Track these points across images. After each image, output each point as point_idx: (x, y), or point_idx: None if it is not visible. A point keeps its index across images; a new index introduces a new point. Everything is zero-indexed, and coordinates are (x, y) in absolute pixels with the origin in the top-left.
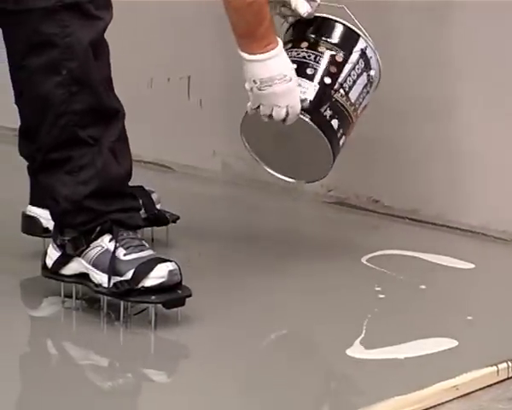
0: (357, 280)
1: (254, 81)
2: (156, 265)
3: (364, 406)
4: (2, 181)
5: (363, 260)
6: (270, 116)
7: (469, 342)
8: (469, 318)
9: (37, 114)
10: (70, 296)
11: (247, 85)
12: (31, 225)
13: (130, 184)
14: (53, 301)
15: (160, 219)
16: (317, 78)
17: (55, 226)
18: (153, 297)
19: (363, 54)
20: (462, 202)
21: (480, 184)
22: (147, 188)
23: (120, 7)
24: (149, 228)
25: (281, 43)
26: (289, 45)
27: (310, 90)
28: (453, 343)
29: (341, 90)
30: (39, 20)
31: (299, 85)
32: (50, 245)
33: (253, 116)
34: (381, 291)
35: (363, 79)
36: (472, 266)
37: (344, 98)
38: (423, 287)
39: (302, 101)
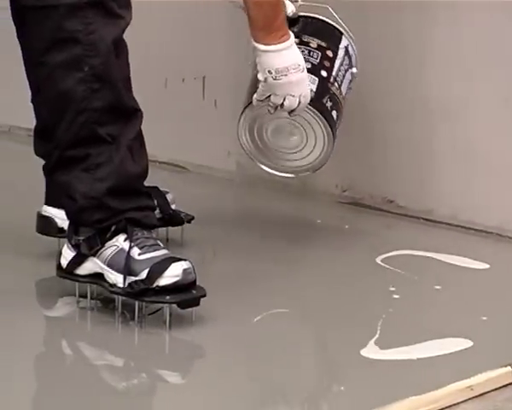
0: (371, 280)
1: (269, 71)
2: (171, 264)
3: (379, 406)
4: (17, 181)
5: (378, 260)
6: (277, 108)
7: (484, 342)
8: (484, 318)
9: (56, 110)
10: (85, 296)
11: (260, 76)
12: (46, 225)
13: (146, 184)
14: (68, 301)
15: (174, 219)
16: (315, 71)
17: (69, 226)
18: (167, 297)
19: (346, 51)
20: (477, 202)
21: (495, 184)
22: (161, 188)
23: (135, 7)
24: (164, 228)
25: (292, 35)
26: None
27: (312, 82)
28: (468, 344)
29: (336, 84)
30: (63, 17)
31: None
32: (65, 245)
33: (249, 117)
34: (395, 291)
35: (348, 76)
36: (487, 266)
37: (338, 91)
38: (438, 287)
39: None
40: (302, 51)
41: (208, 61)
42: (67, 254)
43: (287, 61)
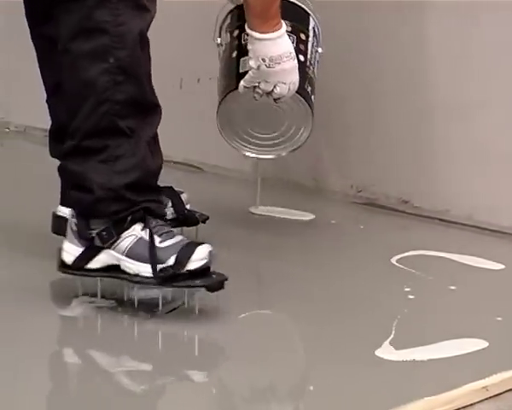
0: (386, 281)
1: (263, 59)
2: (196, 247)
3: (394, 407)
4: (32, 181)
5: (393, 260)
6: (265, 94)
7: (499, 342)
8: (499, 318)
9: (77, 99)
10: (96, 296)
11: (252, 63)
12: (61, 226)
13: (160, 184)
14: (83, 300)
15: (189, 219)
16: (294, 56)
17: (79, 220)
18: (197, 282)
19: (314, 32)
20: (493, 202)
21: (511, 185)
22: (176, 188)
23: None
24: (179, 228)
25: (284, 23)
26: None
27: None
28: (483, 344)
29: (311, 67)
30: (94, 6)
31: None
32: (66, 241)
33: (228, 104)
34: (410, 292)
35: (317, 57)
36: (502, 266)
37: (313, 74)
38: (453, 288)
39: None
40: None
41: None
42: (72, 250)
43: (280, 50)
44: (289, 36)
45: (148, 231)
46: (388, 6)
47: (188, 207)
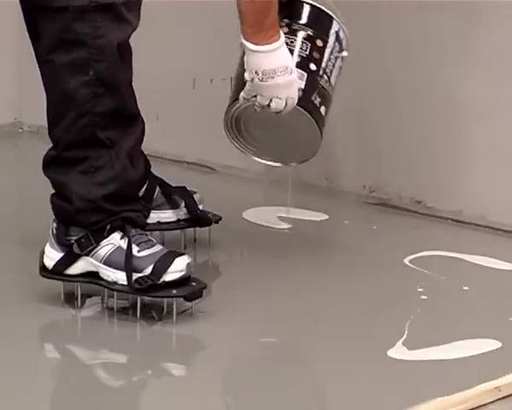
0: (399, 281)
1: (256, 72)
2: (174, 259)
3: (407, 407)
4: (45, 181)
5: (406, 260)
6: (264, 107)
7: None
8: None
9: (58, 110)
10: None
11: (247, 76)
12: None
13: (174, 184)
14: (95, 300)
15: (202, 219)
16: (304, 65)
17: (58, 225)
18: (174, 291)
19: (337, 36)
20: (506, 202)
21: None
22: (189, 188)
23: (163, 8)
24: (192, 228)
25: (283, 35)
26: None
27: (300, 78)
28: (496, 345)
29: (325, 76)
30: (73, 19)
31: None
32: (48, 245)
33: (236, 108)
34: (423, 292)
35: (339, 62)
36: None
37: (327, 84)
38: (466, 288)
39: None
40: (291, 42)
41: (236, 62)
42: (53, 255)
43: (274, 63)
44: (303, 43)
45: (126, 240)
46: (404, 5)
47: (201, 207)
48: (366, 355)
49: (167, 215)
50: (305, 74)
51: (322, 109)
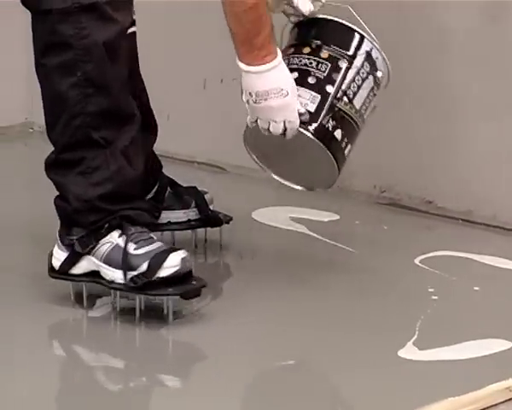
0: (410, 281)
1: (250, 94)
2: (169, 254)
3: (418, 407)
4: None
5: (417, 261)
6: (266, 130)
7: None
8: None
9: (53, 112)
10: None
11: (243, 97)
12: None
13: (184, 184)
14: (105, 301)
15: (213, 219)
16: (319, 87)
17: (61, 226)
18: (170, 290)
19: (368, 56)
20: None
21: None
22: (200, 188)
23: (174, 9)
24: (203, 229)
25: (280, 54)
26: (291, 50)
27: (311, 100)
28: (507, 345)
29: (345, 98)
30: (57, 21)
31: (300, 96)
32: (56, 246)
33: (247, 128)
34: (434, 292)
35: (369, 83)
36: None
37: (348, 106)
38: (477, 288)
39: (302, 114)
40: (310, 63)
41: None
42: (59, 255)
43: (267, 85)
44: (321, 64)
45: (124, 237)
46: (413, 5)
47: (211, 207)
48: (377, 355)
49: (178, 215)
50: (319, 96)
51: (338, 133)
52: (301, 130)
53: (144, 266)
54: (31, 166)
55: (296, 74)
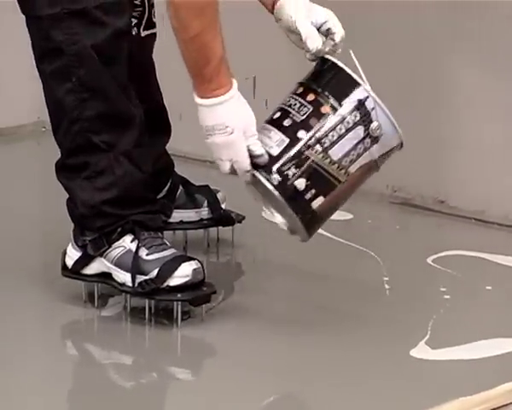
0: (422, 280)
1: (201, 127)
2: (180, 264)
3: (429, 407)
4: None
5: (429, 260)
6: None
7: None
8: None
9: (55, 118)
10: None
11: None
12: None
13: (196, 183)
14: (117, 300)
15: (225, 218)
16: (292, 131)
17: (75, 227)
18: (179, 295)
19: (360, 105)
20: None
21: None
22: (212, 187)
23: None
24: (215, 228)
25: (235, 86)
26: (295, 87)
27: (278, 144)
28: None
29: (317, 146)
30: (49, 27)
31: (269, 138)
32: (70, 245)
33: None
34: (446, 292)
35: (356, 134)
36: None
37: (320, 155)
38: (489, 288)
39: (258, 156)
40: (294, 104)
41: (259, 61)
42: (73, 254)
43: (214, 120)
44: (303, 107)
45: (136, 242)
46: (426, 6)
47: (223, 206)
48: (389, 355)
49: (190, 214)
50: (287, 141)
51: (300, 182)
52: (255, 172)
53: (155, 272)
54: (43, 166)
55: (278, 114)
